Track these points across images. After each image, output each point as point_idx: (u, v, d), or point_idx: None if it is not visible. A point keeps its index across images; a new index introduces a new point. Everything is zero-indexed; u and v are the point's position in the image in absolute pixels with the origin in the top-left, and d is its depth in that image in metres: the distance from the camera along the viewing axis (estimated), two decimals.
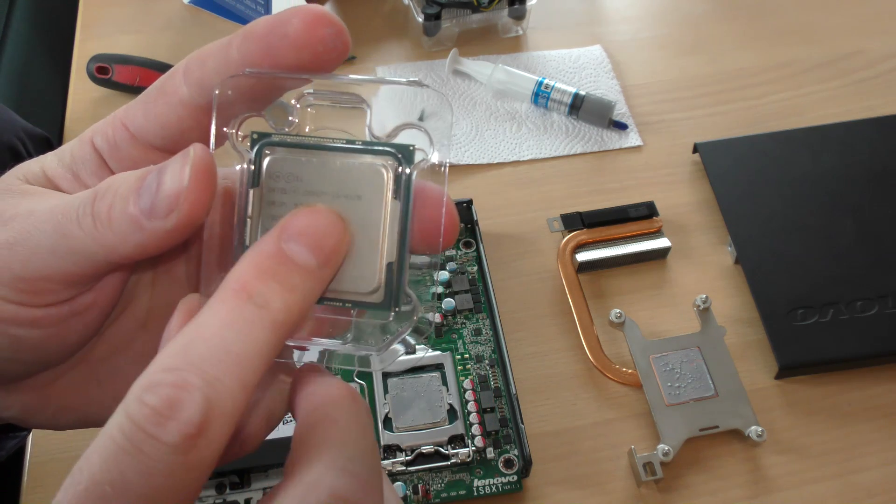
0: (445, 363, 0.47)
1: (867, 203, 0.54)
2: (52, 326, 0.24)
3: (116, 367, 0.28)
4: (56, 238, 0.23)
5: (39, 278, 0.23)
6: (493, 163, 0.60)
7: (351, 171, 0.22)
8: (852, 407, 0.48)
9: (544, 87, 0.62)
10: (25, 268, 0.23)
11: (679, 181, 0.58)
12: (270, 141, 0.22)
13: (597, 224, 0.53)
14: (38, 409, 0.27)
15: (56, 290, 0.24)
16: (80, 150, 0.25)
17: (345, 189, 0.22)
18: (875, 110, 0.62)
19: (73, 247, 0.23)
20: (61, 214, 0.23)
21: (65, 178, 0.25)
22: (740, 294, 0.52)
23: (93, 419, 0.28)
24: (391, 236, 0.23)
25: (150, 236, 0.22)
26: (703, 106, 0.63)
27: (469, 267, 0.52)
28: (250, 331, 0.20)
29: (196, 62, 0.24)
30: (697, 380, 0.47)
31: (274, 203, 0.23)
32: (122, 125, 0.25)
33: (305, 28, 0.22)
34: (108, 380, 0.28)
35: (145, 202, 0.22)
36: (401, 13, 0.70)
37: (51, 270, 0.23)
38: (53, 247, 0.23)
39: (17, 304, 0.23)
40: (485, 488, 0.44)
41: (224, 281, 0.21)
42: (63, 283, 0.23)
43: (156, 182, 0.22)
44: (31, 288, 0.23)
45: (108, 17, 0.69)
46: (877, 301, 0.50)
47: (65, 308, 0.24)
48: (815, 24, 0.69)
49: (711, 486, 0.45)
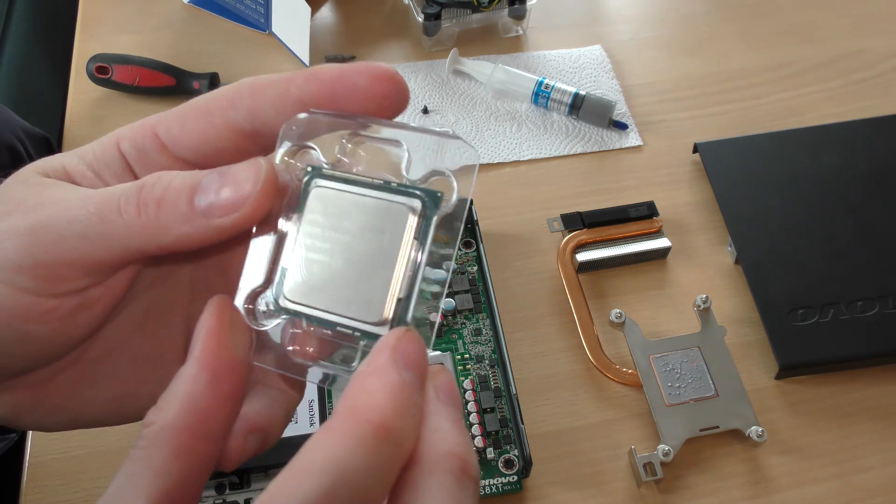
0: (445, 363, 0.47)
1: (867, 203, 0.54)
2: (61, 321, 0.24)
3: (111, 369, 0.28)
4: (89, 224, 0.23)
5: (61, 264, 0.23)
6: (493, 163, 0.60)
7: (381, 209, 0.24)
8: (853, 407, 0.48)
9: (544, 87, 0.61)
10: (48, 253, 0.23)
11: (679, 181, 0.58)
12: (322, 174, 0.25)
13: (597, 224, 0.53)
14: (30, 408, 0.27)
15: (75, 278, 0.24)
16: (103, 151, 0.26)
17: (372, 224, 0.24)
18: (875, 110, 0.62)
19: (107, 233, 0.23)
20: (99, 202, 0.23)
21: (86, 177, 0.26)
22: (740, 294, 0.52)
23: (84, 420, 0.28)
24: (406, 273, 0.24)
25: (199, 230, 0.23)
26: (703, 106, 0.63)
27: (469, 267, 0.52)
28: (387, 473, 0.20)
29: (248, 90, 0.25)
30: (698, 380, 0.47)
31: (311, 228, 0.25)
32: (153, 133, 0.25)
33: (374, 83, 0.24)
34: (103, 381, 0.28)
35: (204, 200, 0.23)
36: (401, 13, 0.70)
37: (75, 255, 0.23)
38: (84, 232, 0.23)
39: (31, 295, 0.24)
40: (485, 488, 0.44)
41: (355, 410, 0.21)
42: (84, 270, 0.24)
43: (217, 183, 0.23)
44: (51, 274, 0.24)
45: (107, 16, 0.69)
46: (877, 301, 0.50)
47: (75, 299, 0.24)
48: (815, 24, 0.69)
49: (712, 487, 0.45)
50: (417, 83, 0.64)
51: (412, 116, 0.62)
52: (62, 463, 0.45)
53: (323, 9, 0.71)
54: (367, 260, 0.24)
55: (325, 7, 0.71)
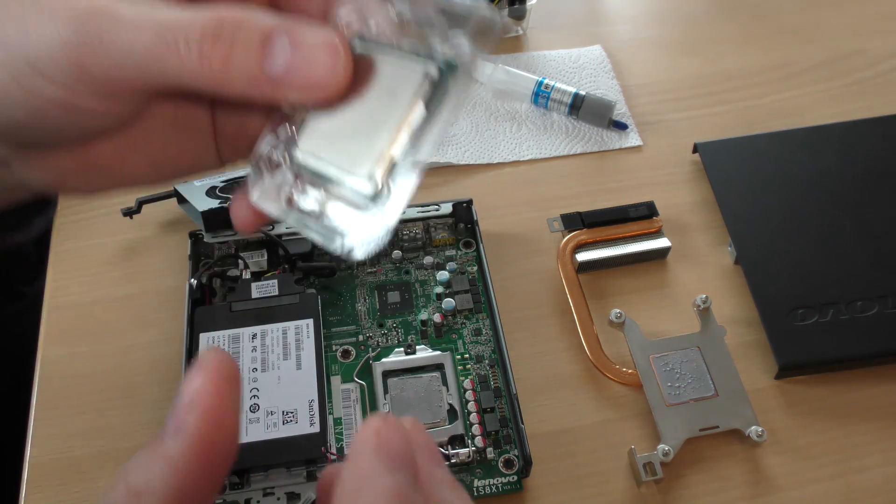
0: (445, 363, 0.47)
1: (867, 203, 0.54)
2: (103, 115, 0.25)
3: (153, 134, 0.28)
4: (145, 57, 0.23)
5: (112, 82, 0.24)
6: (493, 163, 0.60)
7: (398, 70, 0.25)
8: (853, 407, 0.48)
9: (544, 87, 0.61)
10: (99, 72, 0.23)
11: (679, 181, 0.58)
12: (361, 37, 0.26)
13: (597, 224, 0.53)
14: (75, 172, 0.28)
15: (122, 94, 0.24)
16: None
17: (388, 84, 0.25)
18: (875, 110, 0.62)
19: (165, 70, 0.23)
20: (159, 33, 0.23)
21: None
22: (740, 294, 0.52)
23: (126, 181, 0.29)
24: (403, 135, 0.25)
25: (264, 95, 0.23)
26: (703, 106, 0.63)
27: (469, 267, 0.52)
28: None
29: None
30: (697, 380, 0.47)
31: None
32: None
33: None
34: (145, 145, 0.28)
35: (276, 66, 0.23)
36: None
37: (127, 81, 0.24)
38: (140, 63, 0.23)
39: (75, 93, 0.24)
40: (485, 488, 0.44)
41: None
42: (133, 91, 0.24)
43: (288, 51, 0.23)
44: (98, 88, 0.24)
45: None
46: (877, 301, 0.50)
47: (122, 103, 0.25)
48: (815, 24, 0.69)
49: (712, 487, 0.45)
50: None
51: None
52: (62, 463, 0.45)
53: None
54: (373, 117, 0.25)
55: None
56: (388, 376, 0.47)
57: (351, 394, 0.47)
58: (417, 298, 0.51)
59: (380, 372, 0.47)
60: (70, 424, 0.47)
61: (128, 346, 0.50)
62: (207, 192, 0.52)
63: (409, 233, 0.53)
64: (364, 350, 0.49)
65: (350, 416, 0.46)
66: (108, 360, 0.49)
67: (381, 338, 0.49)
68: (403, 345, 0.49)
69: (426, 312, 0.50)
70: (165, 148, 0.29)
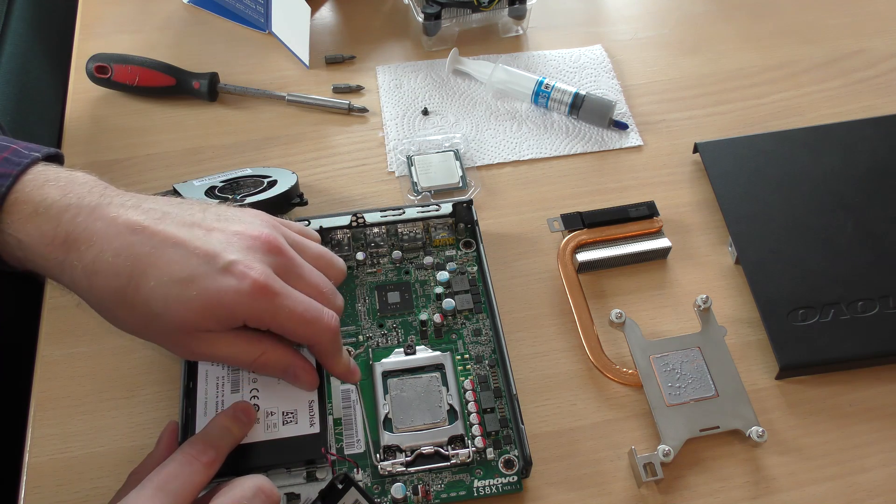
0: (445, 363, 0.47)
1: (867, 203, 0.54)
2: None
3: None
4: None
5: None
6: (493, 163, 0.59)
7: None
8: (853, 407, 0.48)
9: (544, 87, 0.61)
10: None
11: (679, 181, 0.58)
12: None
13: (597, 224, 0.53)
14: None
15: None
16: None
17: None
18: (875, 110, 0.62)
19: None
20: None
21: None
22: (741, 294, 0.52)
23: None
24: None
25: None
26: (703, 106, 0.63)
27: (469, 267, 0.52)
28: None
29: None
30: (698, 380, 0.47)
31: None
32: None
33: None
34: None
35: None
36: (401, 13, 0.70)
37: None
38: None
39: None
40: (485, 489, 0.44)
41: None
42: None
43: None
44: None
45: (107, 16, 0.69)
46: (877, 301, 0.50)
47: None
48: (815, 24, 0.69)
49: (712, 487, 0.45)
50: (417, 83, 0.64)
51: (412, 117, 0.62)
52: (62, 463, 0.45)
53: (323, 9, 0.71)
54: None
55: (325, 7, 0.71)
56: (388, 376, 0.47)
57: (351, 394, 0.47)
58: (417, 298, 0.51)
59: (380, 372, 0.47)
60: (69, 425, 0.47)
61: (128, 346, 0.50)
62: (207, 192, 0.52)
63: (409, 233, 0.53)
64: (364, 351, 0.49)
65: (350, 417, 0.46)
66: (107, 360, 0.49)
67: (381, 338, 0.49)
68: (403, 345, 0.49)
69: (426, 312, 0.50)
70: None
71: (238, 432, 0.41)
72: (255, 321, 0.38)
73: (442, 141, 0.60)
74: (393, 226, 0.53)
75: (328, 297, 0.41)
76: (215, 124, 0.62)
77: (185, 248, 0.37)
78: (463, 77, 0.65)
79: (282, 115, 0.62)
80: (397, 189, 0.58)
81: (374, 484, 0.44)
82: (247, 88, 0.63)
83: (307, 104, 0.62)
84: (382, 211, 0.53)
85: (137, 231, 0.37)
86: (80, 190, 0.38)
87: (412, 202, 0.56)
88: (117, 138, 0.61)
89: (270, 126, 0.62)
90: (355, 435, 0.45)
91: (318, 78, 0.65)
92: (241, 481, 0.37)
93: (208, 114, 0.62)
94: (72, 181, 0.38)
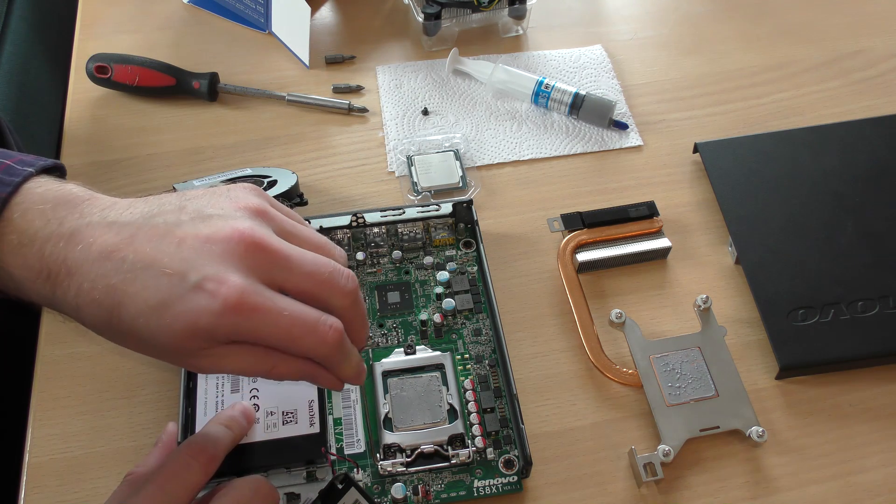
0: (445, 363, 0.47)
1: (867, 203, 0.54)
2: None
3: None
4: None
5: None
6: (494, 163, 0.59)
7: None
8: (853, 407, 0.48)
9: (544, 87, 0.61)
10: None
11: (679, 181, 0.58)
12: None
13: (597, 224, 0.53)
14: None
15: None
16: None
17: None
18: (875, 110, 0.62)
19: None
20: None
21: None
22: (741, 294, 0.52)
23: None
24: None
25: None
26: (703, 106, 0.63)
27: (469, 267, 0.52)
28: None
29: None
30: (698, 380, 0.47)
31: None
32: None
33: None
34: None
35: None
36: (401, 13, 0.70)
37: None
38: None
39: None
40: (485, 489, 0.44)
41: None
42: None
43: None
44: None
45: (107, 16, 0.69)
46: (877, 301, 0.50)
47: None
48: (815, 24, 0.69)
49: (712, 487, 0.45)
50: (417, 83, 0.64)
51: (412, 117, 0.62)
52: (62, 463, 0.45)
53: (323, 9, 0.71)
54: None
55: (325, 7, 0.71)
56: (388, 376, 0.47)
57: (351, 394, 0.47)
58: (417, 298, 0.51)
59: (380, 372, 0.47)
60: (69, 425, 0.47)
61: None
62: None
63: (409, 233, 0.53)
64: (364, 351, 0.49)
65: (350, 416, 0.46)
66: (107, 360, 0.49)
67: (381, 338, 0.49)
68: (403, 345, 0.49)
69: (426, 312, 0.50)
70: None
71: (237, 433, 0.40)
72: (241, 339, 0.35)
73: (442, 141, 0.60)
74: (393, 226, 0.54)
75: (331, 281, 0.36)
76: (215, 124, 0.62)
77: (155, 269, 0.34)
78: (463, 77, 0.65)
79: (282, 115, 0.62)
80: (397, 189, 0.58)
81: (374, 484, 0.44)
82: (247, 88, 0.63)
83: (307, 104, 0.62)
84: (382, 211, 0.53)
85: (109, 256, 0.34)
86: (62, 212, 0.35)
87: (412, 202, 0.56)
88: (117, 138, 0.61)
89: (270, 126, 0.62)
90: (355, 435, 0.45)
91: (318, 78, 0.65)
92: (240, 482, 0.37)
93: (208, 114, 0.62)
94: (58, 202, 0.35)
